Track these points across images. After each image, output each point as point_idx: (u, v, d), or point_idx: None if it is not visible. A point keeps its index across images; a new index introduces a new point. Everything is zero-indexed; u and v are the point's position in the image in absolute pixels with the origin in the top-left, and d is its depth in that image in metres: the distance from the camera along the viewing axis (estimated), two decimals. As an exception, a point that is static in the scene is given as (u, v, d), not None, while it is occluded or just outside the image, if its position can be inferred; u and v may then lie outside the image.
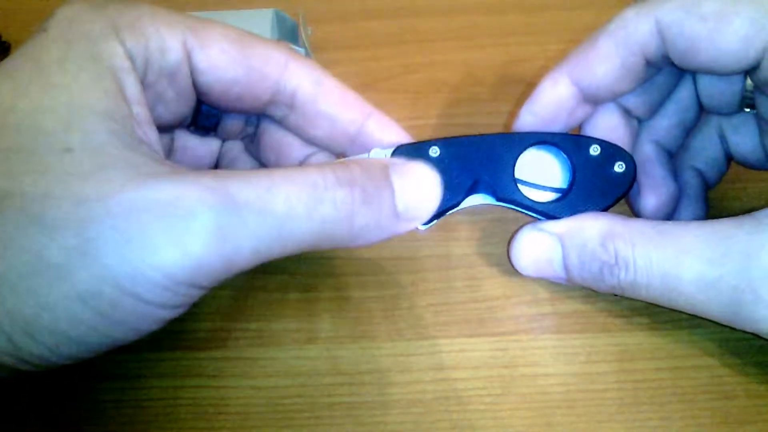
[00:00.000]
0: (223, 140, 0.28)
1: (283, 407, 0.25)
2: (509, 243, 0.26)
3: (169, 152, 0.27)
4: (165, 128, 0.25)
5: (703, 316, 0.22)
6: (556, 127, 0.26)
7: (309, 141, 0.26)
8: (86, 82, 0.19)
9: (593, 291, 0.25)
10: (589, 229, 0.24)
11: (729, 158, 0.28)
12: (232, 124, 0.27)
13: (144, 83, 0.21)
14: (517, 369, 0.26)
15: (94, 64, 0.20)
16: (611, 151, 0.25)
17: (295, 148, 0.27)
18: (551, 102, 0.26)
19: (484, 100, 0.35)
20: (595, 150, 0.25)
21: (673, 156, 0.28)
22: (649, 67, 0.25)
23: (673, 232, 0.22)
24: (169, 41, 0.22)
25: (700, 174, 0.28)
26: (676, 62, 0.24)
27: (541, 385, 0.25)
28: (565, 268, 0.25)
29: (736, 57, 0.22)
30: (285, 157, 0.27)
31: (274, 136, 0.27)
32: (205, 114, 0.25)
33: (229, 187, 0.18)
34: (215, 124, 0.26)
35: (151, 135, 0.21)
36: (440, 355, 0.26)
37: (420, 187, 0.23)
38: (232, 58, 0.23)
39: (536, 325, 0.27)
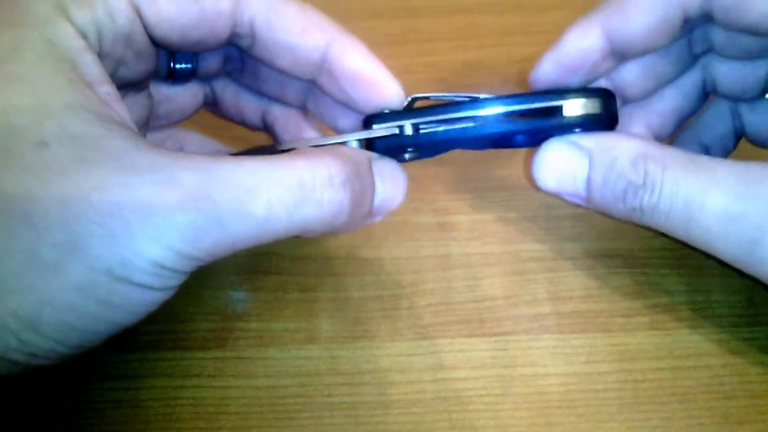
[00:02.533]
0: (209, 80, 0.28)
1: (283, 407, 0.25)
2: (534, 156, 0.25)
3: (149, 112, 0.26)
4: (135, 84, 0.24)
5: (715, 252, 0.22)
6: (577, 78, 0.25)
7: (278, 71, 0.25)
8: (48, 72, 0.19)
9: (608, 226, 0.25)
10: (623, 147, 0.23)
11: (738, 136, 0.28)
12: (209, 65, 0.26)
13: (101, 54, 0.21)
14: (517, 369, 0.26)
15: (50, 50, 0.19)
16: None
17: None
18: (578, 52, 0.24)
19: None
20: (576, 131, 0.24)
21: (672, 140, 0.28)
22: (686, 24, 0.24)
23: (706, 164, 0.22)
24: (114, 3, 0.21)
25: (706, 149, 0.28)
26: (718, 18, 0.23)
27: (541, 385, 0.25)
28: (588, 184, 0.24)
29: None
30: (288, 85, 0.26)
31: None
32: (180, 68, 0.25)
33: (210, 189, 0.18)
34: (193, 70, 0.26)
35: (122, 112, 0.20)
36: (440, 355, 0.26)
37: (394, 189, 0.24)
38: (180, 5, 0.22)
39: (536, 325, 0.27)
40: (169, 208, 0.18)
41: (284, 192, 0.20)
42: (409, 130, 0.24)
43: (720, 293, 0.27)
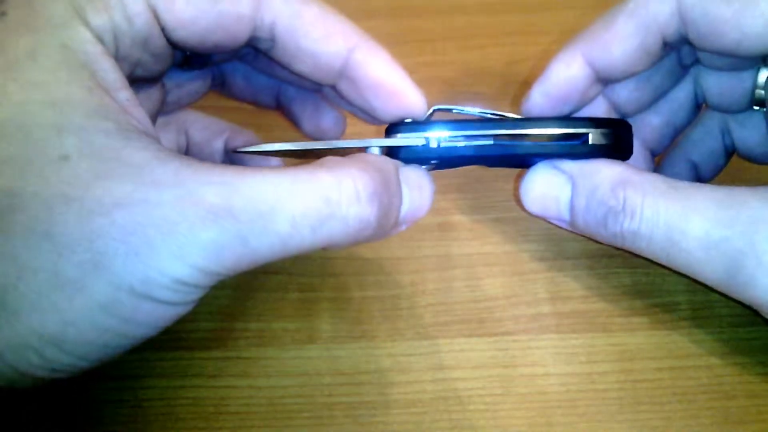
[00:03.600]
0: (220, 63, 0.27)
1: (283, 407, 0.25)
2: (521, 179, 0.25)
3: (161, 103, 0.26)
4: (150, 79, 0.24)
5: (698, 278, 0.22)
6: (568, 107, 0.26)
7: (298, 75, 0.25)
8: (65, 79, 0.19)
9: (594, 247, 0.25)
10: (603, 173, 0.23)
11: (728, 153, 0.28)
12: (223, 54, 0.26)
13: (118, 57, 0.21)
14: (517, 369, 0.26)
15: (67, 56, 0.19)
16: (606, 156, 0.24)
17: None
18: (564, 83, 0.25)
19: (484, 100, 0.35)
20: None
21: (656, 156, 0.28)
22: (666, 47, 0.24)
23: (686, 190, 0.22)
24: (132, 7, 0.21)
25: (695, 167, 0.28)
26: (695, 44, 0.23)
27: (541, 385, 0.25)
28: (571, 210, 0.24)
29: (761, 40, 0.22)
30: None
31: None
32: (195, 57, 0.25)
33: (233, 205, 0.18)
34: (208, 58, 0.26)
35: (141, 117, 0.20)
36: (440, 355, 0.26)
37: (421, 197, 0.23)
38: (199, 8, 0.22)
39: (536, 325, 0.27)
40: (192, 226, 0.18)
41: (309, 208, 0.19)
42: (434, 143, 0.23)
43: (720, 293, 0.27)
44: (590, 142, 0.24)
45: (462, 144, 0.23)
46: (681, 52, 0.26)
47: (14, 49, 0.19)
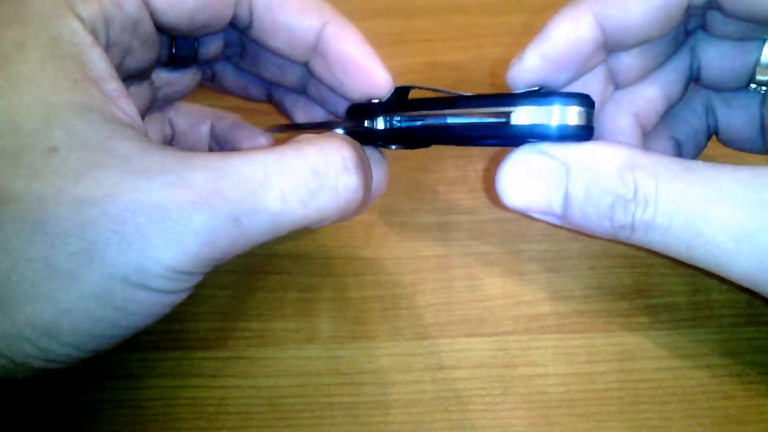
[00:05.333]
0: (208, 63, 0.27)
1: (283, 407, 0.25)
2: (498, 168, 0.22)
3: (151, 100, 0.26)
4: (139, 75, 0.24)
5: (722, 272, 0.20)
6: (566, 74, 0.22)
7: (273, 54, 0.25)
8: (52, 72, 0.19)
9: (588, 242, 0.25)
10: (605, 156, 0.20)
11: (709, 134, 0.27)
12: (209, 50, 0.26)
13: (108, 44, 0.21)
14: (517, 369, 0.26)
15: (55, 48, 0.19)
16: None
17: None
18: (568, 43, 0.22)
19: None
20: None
21: (646, 134, 0.26)
22: (688, 11, 0.22)
23: (706, 171, 0.19)
24: None
25: (678, 145, 0.27)
26: (725, 7, 0.21)
27: (541, 385, 0.25)
28: (566, 201, 0.21)
29: None
30: (288, 70, 0.26)
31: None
32: (181, 55, 0.25)
33: (222, 187, 0.18)
34: (194, 56, 0.26)
35: (128, 109, 0.20)
36: (440, 355, 0.26)
37: (382, 175, 0.24)
38: None
39: (536, 325, 0.27)
40: (183, 211, 0.18)
41: (297, 182, 0.19)
42: (381, 125, 0.23)
43: (720, 293, 0.27)
44: (512, 122, 0.20)
45: (401, 125, 0.23)
46: (688, 18, 0.23)
47: (2, 41, 0.19)
